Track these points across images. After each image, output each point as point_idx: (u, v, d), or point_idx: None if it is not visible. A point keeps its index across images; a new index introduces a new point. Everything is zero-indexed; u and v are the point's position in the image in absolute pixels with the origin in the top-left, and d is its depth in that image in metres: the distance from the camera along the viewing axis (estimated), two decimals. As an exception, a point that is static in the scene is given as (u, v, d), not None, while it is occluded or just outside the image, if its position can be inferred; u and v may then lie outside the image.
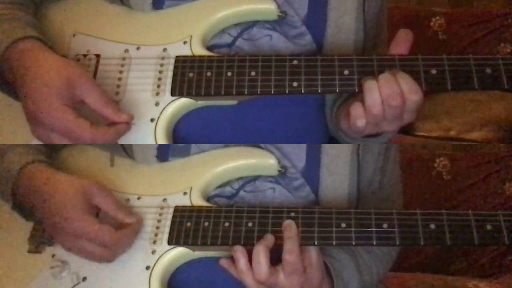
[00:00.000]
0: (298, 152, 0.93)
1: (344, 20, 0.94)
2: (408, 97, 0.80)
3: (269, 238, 0.83)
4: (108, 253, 0.85)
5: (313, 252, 0.82)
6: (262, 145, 0.92)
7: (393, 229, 0.81)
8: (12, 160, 0.87)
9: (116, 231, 0.84)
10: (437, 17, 2.25)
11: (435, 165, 1.97)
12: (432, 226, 0.81)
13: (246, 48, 0.92)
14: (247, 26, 0.92)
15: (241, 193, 0.92)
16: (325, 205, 0.91)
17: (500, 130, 2.11)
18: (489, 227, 0.80)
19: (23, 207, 0.89)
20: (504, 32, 2.22)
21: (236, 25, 0.92)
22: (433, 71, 0.81)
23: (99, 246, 0.83)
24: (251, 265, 0.81)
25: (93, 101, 0.79)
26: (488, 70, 0.80)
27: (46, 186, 0.84)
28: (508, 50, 2.19)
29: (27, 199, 0.86)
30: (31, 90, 0.77)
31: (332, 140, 1.01)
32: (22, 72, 0.79)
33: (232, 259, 0.83)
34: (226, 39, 0.92)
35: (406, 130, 2.10)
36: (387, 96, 0.79)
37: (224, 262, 0.84)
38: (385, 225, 0.82)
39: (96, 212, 0.87)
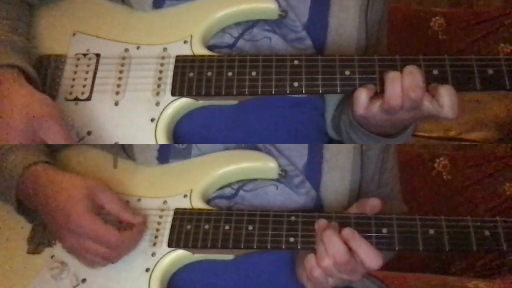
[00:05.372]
0: (299, 149, 0.92)
1: (346, 28, 0.94)
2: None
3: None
4: (112, 254, 0.84)
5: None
6: (262, 144, 0.91)
7: (392, 235, 0.81)
8: (15, 162, 0.86)
9: (120, 231, 0.83)
10: (437, 17, 2.24)
11: (435, 165, 1.96)
12: (431, 231, 0.81)
13: (247, 49, 0.91)
14: (247, 26, 0.92)
15: (241, 192, 0.92)
16: (326, 201, 0.92)
17: (500, 130, 2.10)
18: (487, 233, 0.80)
19: (27, 209, 0.88)
20: (504, 32, 2.21)
21: (237, 25, 0.92)
22: (435, 72, 0.81)
23: (104, 246, 0.83)
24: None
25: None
26: (490, 71, 0.80)
27: (50, 186, 0.84)
28: (508, 50, 2.18)
29: (31, 200, 0.86)
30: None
31: (332, 141, 1.01)
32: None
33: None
34: (228, 39, 0.91)
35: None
36: (408, 87, 0.79)
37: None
38: (384, 230, 0.82)
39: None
